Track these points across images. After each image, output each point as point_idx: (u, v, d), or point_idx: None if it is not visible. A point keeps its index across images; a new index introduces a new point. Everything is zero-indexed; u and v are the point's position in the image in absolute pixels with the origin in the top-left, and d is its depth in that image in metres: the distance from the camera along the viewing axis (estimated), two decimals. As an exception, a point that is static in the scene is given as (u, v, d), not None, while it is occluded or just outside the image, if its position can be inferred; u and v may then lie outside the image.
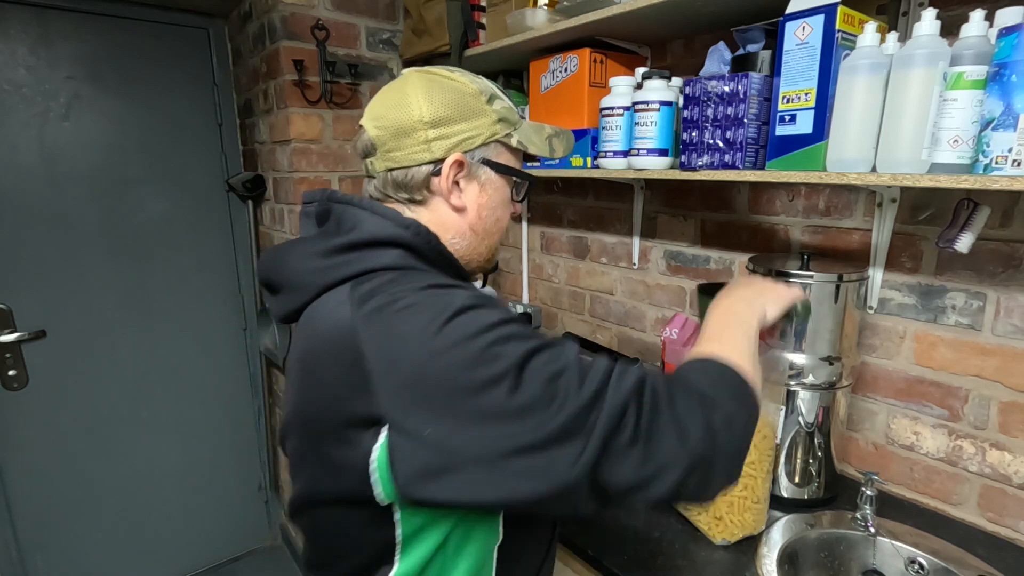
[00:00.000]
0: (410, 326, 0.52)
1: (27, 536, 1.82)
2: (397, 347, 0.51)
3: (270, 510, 2.36)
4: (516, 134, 0.69)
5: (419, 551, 0.59)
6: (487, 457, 0.49)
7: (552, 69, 1.34)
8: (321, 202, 0.67)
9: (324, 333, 0.56)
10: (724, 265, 1.34)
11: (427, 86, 0.64)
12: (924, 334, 1.03)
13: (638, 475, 0.50)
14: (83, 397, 1.85)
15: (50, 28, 1.66)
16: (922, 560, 0.90)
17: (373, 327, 0.53)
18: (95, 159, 1.77)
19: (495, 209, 0.70)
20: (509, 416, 0.49)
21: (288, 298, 0.63)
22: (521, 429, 0.49)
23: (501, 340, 0.51)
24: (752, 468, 0.94)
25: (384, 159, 0.65)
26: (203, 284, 2.04)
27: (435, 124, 0.63)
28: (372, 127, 0.65)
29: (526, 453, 0.49)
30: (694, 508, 0.98)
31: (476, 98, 0.65)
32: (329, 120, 1.67)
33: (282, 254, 0.65)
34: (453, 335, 0.51)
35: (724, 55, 1.01)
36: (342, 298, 0.57)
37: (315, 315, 0.60)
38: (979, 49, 0.68)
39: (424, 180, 0.65)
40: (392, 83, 0.68)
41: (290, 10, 1.55)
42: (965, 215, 0.87)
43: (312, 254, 0.61)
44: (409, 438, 0.50)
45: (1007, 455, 0.96)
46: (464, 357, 0.50)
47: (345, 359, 0.53)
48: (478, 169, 0.67)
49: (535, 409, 0.49)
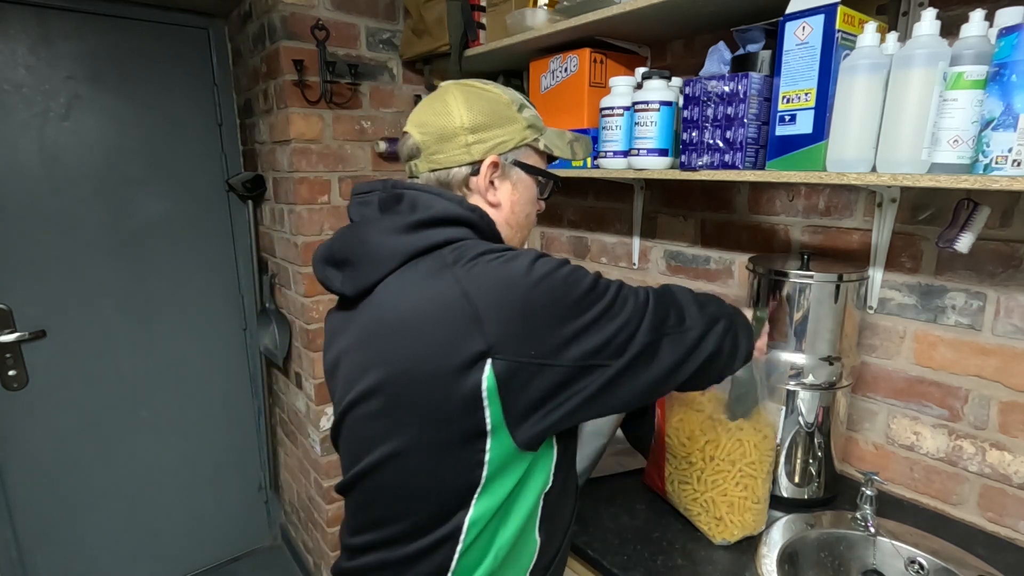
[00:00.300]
0: (506, 270, 0.62)
1: (27, 536, 1.82)
2: (501, 288, 0.61)
3: (270, 510, 2.36)
4: (543, 139, 0.79)
5: (495, 494, 0.66)
6: (584, 360, 0.62)
7: (552, 69, 1.34)
8: (385, 190, 0.74)
9: (427, 291, 0.64)
10: (724, 265, 1.34)
11: (466, 96, 0.74)
12: (924, 334, 1.03)
13: (692, 340, 0.69)
14: (83, 397, 1.85)
15: (50, 28, 1.66)
16: (922, 560, 0.90)
17: (474, 276, 0.62)
18: (95, 159, 1.77)
19: (525, 205, 0.79)
20: (596, 321, 0.63)
21: (368, 269, 0.69)
22: (607, 329, 0.63)
23: (573, 271, 0.65)
24: (752, 468, 0.93)
25: (428, 161, 0.74)
26: (203, 284, 2.04)
27: (474, 130, 0.73)
28: (417, 133, 0.74)
29: (615, 346, 0.63)
30: (696, 507, 0.98)
31: (508, 107, 0.75)
32: (329, 120, 1.67)
33: (359, 232, 0.71)
34: (542, 270, 0.63)
35: (724, 55, 1.01)
36: (436, 263, 0.65)
37: (406, 282, 0.66)
38: (979, 49, 0.68)
39: (464, 179, 0.74)
40: (434, 94, 0.77)
41: (290, 10, 1.55)
42: (965, 215, 0.87)
43: (394, 229, 0.68)
44: (518, 360, 0.60)
45: (1007, 455, 0.96)
46: (554, 285, 0.62)
47: (454, 308, 0.61)
48: (510, 170, 0.76)
49: (614, 312, 0.64)
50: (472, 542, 0.67)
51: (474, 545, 0.68)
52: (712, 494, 0.95)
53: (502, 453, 0.64)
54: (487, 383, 0.60)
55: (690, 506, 0.99)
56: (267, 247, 2.02)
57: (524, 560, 0.74)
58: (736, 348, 0.74)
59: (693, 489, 0.98)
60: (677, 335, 0.68)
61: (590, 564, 0.95)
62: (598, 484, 1.14)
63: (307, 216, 1.68)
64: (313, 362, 1.78)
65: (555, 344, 0.61)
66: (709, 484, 0.96)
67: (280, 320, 1.94)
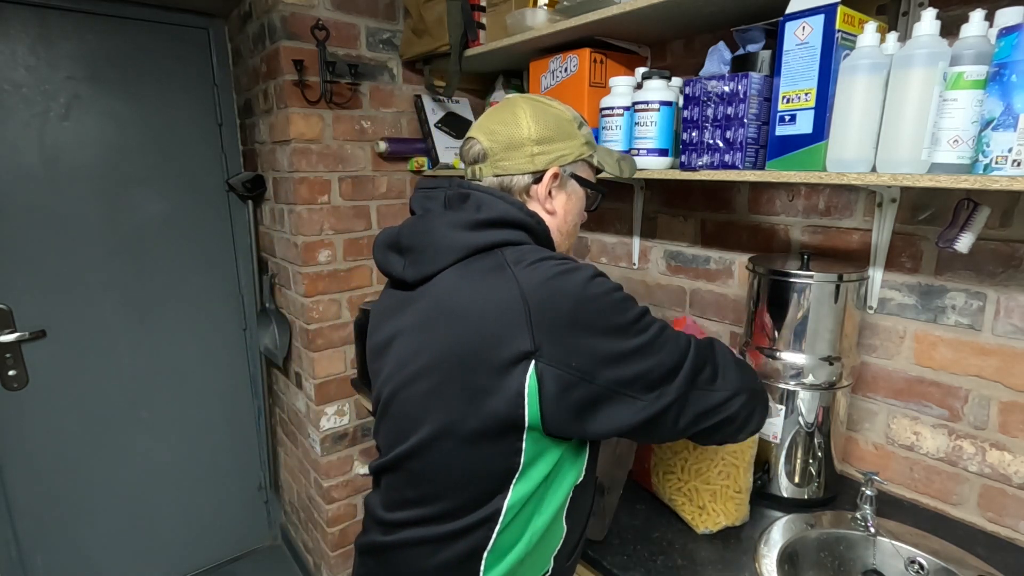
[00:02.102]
0: (564, 280, 0.66)
1: (27, 536, 1.82)
2: (555, 296, 0.65)
3: (270, 510, 2.36)
4: (596, 155, 0.84)
5: (531, 479, 0.70)
6: (617, 386, 0.65)
7: (552, 69, 1.34)
8: (451, 188, 0.78)
9: (485, 287, 0.67)
10: (724, 265, 1.34)
11: (535, 110, 0.79)
12: (924, 334, 1.03)
13: (717, 400, 0.72)
14: (83, 397, 1.85)
15: (50, 28, 1.65)
16: (922, 560, 0.90)
17: (533, 279, 0.66)
18: (95, 159, 1.77)
19: (576, 216, 0.84)
20: (635, 352, 0.66)
21: (431, 258, 0.73)
22: (644, 363, 0.66)
23: (625, 299, 0.69)
24: (735, 458, 0.95)
25: (494, 166, 0.78)
26: (203, 284, 2.04)
27: (539, 142, 0.77)
28: (485, 139, 0.79)
29: (647, 383, 0.67)
30: (680, 497, 0.99)
31: (571, 124, 0.80)
32: (329, 120, 1.67)
33: (425, 222, 0.76)
34: (596, 289, 0.66)
35: (724, 55, 1.01)
36: (496, 261, 0.69)
37: (466, 274, 0.70)
38: (979, 49, 0.68)
39: (525, 186, 0.79)
40: (502, 104, 0.82)
41: (290, 10, 1.55)
42: (965, 215, 0.87)
43: (459, 225, 0.72)
44: (558, 368, 0.63)
45: (1007, 455, 0.96)
46: (605, 306, 0.66)
47: (511, 305, 0.64)
48: (567, 181, 0.81)
49: (653, 350, 0.67)
50: (508, 524, 0.71)
51: (511, 527, 0.71)
52: (696, 483, 0.97)
53: (537, 444, 0.68)
54: (529, 383, 0.63)
55: (675, 496, 1.01)
56: (267, 247, 2.02)
57: (552, 545, 0.78)
58: (748, 421, 0.76)
59: (677, 479, 1.00)
60: (706, 392, 0.71)
61: (590, 564, 0.95)
62: (598, 484, 1.14)
63: (307, 216, 1.68)
64: (313, 362, 1.78)
65: (595, 361, 0.64)
66: (693, 473, 0.98)
67: (280, 320, 1.94)
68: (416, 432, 0.72)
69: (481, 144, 0.79)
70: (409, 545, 0.74)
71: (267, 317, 1.99)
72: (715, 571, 0.89)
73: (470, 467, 0.69)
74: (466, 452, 0.68)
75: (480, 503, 0.70)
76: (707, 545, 0.95)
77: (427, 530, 0.72)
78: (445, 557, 0.71)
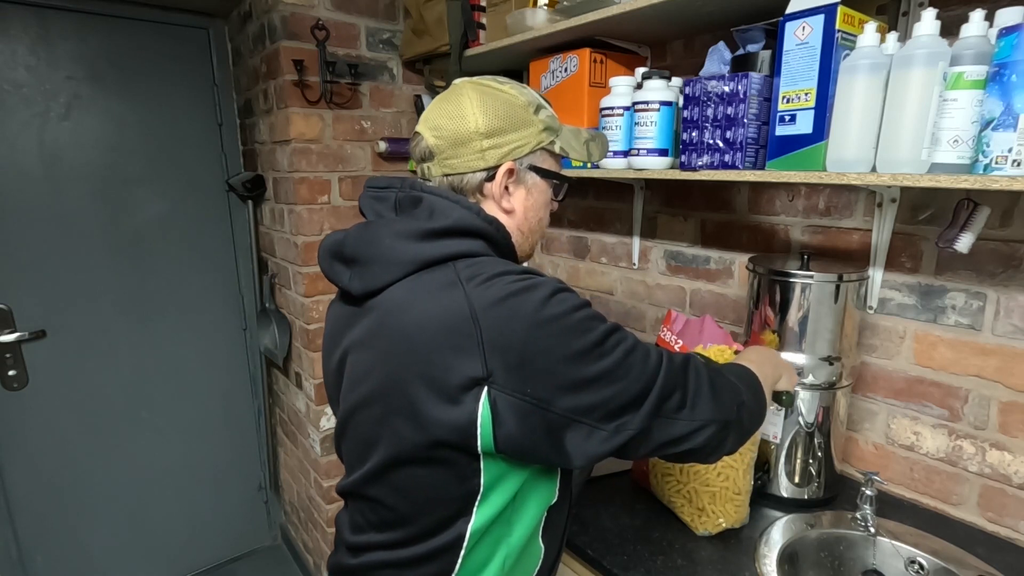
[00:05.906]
0: (518, 301, 0.60)
1: (27, 536, 1.82)
2: (508, 317, 0.59)
3: (270, 510, 2.36)
4: (559, 141, 0.76)
5: (494, 503, 0.66)
6: (574, 414, 0.60)
7: (552, 69, 1.34)
8: (402, 189, 0.72)
9: (434, 305, 0.62)
10: (724, 265, 1.34)
11: (481, 98, 0.70)
12: (924, 334, 1.03)
13: (682, 431, 0.66)
14: (83, 397, 1.85)
15: (50, 28, 1.66)
16: (922, 560, 0.90)
17: (486, 299, 0.60)
18: (95, 159, 1.77)
19: (539, 210, 0.77)
20: (596, 380, 0.60)
21: (377, 271, 0.67)
22: (604, 392, 0.61)
23: (588, 318, 0.62)
24: (734, 460, 0.95)
25: (441, 165, 0.71)
26: (203, 284, 2.04)
27: (489, 135, 0.69)
28: (430, 136, 0.71)
29: (606, 412, 0.61)
30: (679, 499, 0.99)
31: (525, 109, 0.72)
32: (329, 120, 1.67)
33: (372, 231, 0.69)
34: (555, 309, 0.60)
35: (724, 55, 1.01)
36: (448, 277, 0.63)
37: (415, 290, 0.64)
38: (979, 49, 0.68)
39: (478, 185, 0.71)
40: (447, 94, 0.74)
41: (290, 10, 1.55)
42: (965, 215, 0.87)
43: (409, 234, 0.66)
44: (512, 396, 0.59)
45: (1007, 455, 0.96)
46: (564, 328, 0.60)
47: (460, 328, 0.59)
48: (525, 175, 0.74)
49: (616, 376, 0.61)
50: (474, 547, 0.67)
51: (477, 550, 0.68)
52: (695, 484, 0.97)
53: (496, 468, 0.64)
54: (482, 410, 0.59)
55: (674, 498, 1.01)
56: (267, 247, 2.02)
57: (531, 565, 0.75)
58: (717, 450, 0.71)
59: (676, 480, 1.00)
60: (671, 420, 0.65)
61: (590, 564, 0.95)
62: (598, 484, 1.14)
63: (307, 216, 1.68)
64: (313, 362, 1.78)
65: (551, 389, 0.59)
66: (691, 475, 0.97)
67: (280, 320, 1.94)
68: (371, 458, 0.68)
69: (427, 141, 0.71)
70: (375, 568, 0.71)
71: (267, 317, 1.99)
72: (715, 571, 0.89)
73: (427, 493, 0.66)
74: (421, 478, 0.65)
75: (443, 527, 0.67)
76: (707, 545, 0.95)
77: (392, 554, 0.70)
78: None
